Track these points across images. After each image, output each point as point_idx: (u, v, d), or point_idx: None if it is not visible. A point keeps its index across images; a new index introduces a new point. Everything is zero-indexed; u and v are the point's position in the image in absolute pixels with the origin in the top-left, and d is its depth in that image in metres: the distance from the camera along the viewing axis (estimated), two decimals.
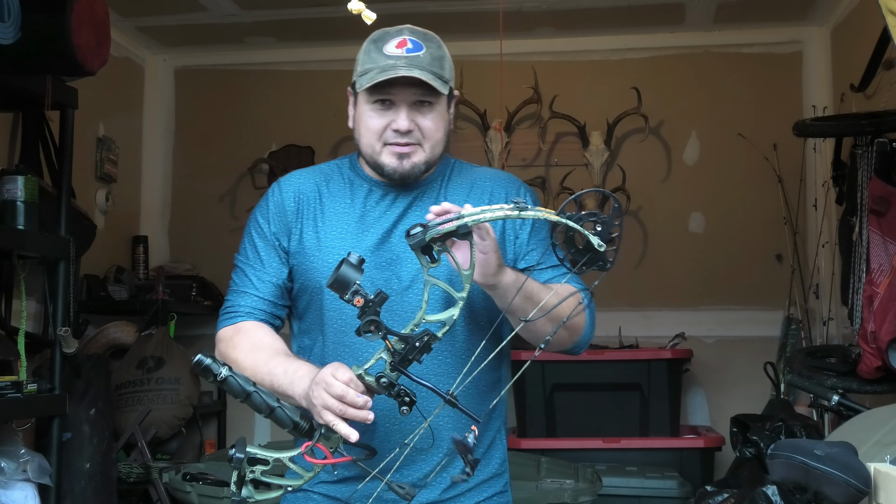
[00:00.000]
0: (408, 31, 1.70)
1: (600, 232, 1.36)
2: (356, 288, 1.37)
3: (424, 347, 1.39)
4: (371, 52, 1.68)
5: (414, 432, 1.52)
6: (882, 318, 2.88)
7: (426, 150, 1.70)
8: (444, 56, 1.70)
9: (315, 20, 4.57)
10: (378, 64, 1.65)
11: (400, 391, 1.43)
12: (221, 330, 1.76)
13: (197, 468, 3.48)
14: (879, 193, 3.10)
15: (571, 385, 4.15)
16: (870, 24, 3.61)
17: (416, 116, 1.67)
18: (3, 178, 3.02)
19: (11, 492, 2.94)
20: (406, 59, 1.64)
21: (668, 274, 4.76)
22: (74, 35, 2.99)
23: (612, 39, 4.89)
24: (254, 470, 1.46)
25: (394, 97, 1.66)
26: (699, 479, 3.80)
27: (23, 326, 3.19)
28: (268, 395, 1.48)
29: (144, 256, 4.86)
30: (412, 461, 1.65)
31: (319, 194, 1.78)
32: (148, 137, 5.17)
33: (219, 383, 1.45)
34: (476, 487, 1.76)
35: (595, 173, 4.72)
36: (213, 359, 1.46)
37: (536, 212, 1.36)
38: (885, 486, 1.80)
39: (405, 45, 1.66)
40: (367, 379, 1.44)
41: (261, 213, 1.80)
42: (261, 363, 1.64)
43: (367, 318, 1.37)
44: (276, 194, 1.80)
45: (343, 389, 1.44)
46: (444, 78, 1.67)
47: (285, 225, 1.76)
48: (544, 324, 1.59)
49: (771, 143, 4.55)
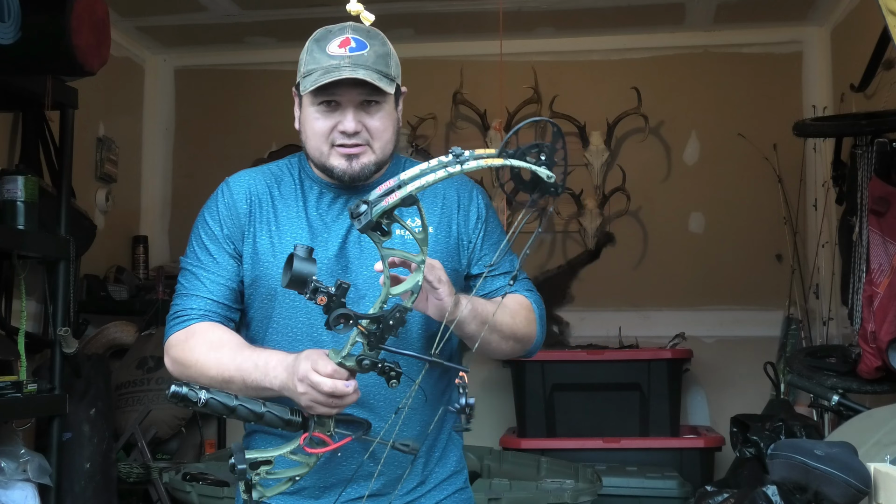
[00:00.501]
0: (350, 28, 1.65)
1: (545, 160, 1.31)
2: (315, 285, 1.32)
3: (399, 322, 1.37)
4: (314, 51, 1.63)
5: (406, 395, 1.53)
6: (882, 318, 2.88)
7: (375, 151, 1.65)
8: (388, 53, 1.65)
9: (315, 20, 4.48)
10: (321, 64, 1.60)
11: (385, 367, 1.41)
12: (172, 336, 1.68)
13: (197, 468, 3.48)
14: (879, 193, 3.10)
15: (571, 385, 4.15)
16: (870, 24, 3.61)
17: (363, 117, 1.62)
18: (3, 178, 3.02)
19: (11, 492, 2.94)
20: (349, 58, 1.59)
21: (668, 274, 4.76)
22: (74, 35, 3.00)
23: (612, 39, 4.89)
24: (259, 472, 1.46)
25: (339, 98, 1.61)
26: (699, 479, 3.80)
27: (23, 326, 3.19)
28: (252, 402, 1.46)
29: (144, 256, 4.86)
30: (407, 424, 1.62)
31: (271, 197, 1.71)
32: (148, 137, 5.17)
33: (201, 409, 1.42)
34: (436, 487, 1.75)
35: (595, 173, 4.72)
36: (188, 386, 1.42)
37: (478, 161, 1.30)
38: (885, 486, 1.80)
39: (348, 43, 1.61)
40: (349, 364, 1.42)
41: (210, 215, 1.72)
42: (226, 360, 1.59)
43: (335, 313, 1.34)
44: (227, 195, 1.72)
45: (332, 386, 1.42)
46: (389, 76, 1.62)
47: (238, 227, 1.70)
48: (499, 342, 1.65)
49: (771, 143, 4.55)
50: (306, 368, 1.45)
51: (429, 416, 1.66)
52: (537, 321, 1.75)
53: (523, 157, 1.30)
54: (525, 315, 1.71)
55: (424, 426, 1.67)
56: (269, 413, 1.46)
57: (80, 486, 3.48)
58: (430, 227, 1.67)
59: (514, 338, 1.69)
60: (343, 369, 1.43)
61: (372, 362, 1.40)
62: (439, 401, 1.72)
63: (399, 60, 1.69)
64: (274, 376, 1.52)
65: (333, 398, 1.44)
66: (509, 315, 1.66)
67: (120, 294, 4.41)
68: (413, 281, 1.39)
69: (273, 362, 1.53)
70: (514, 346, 1.70)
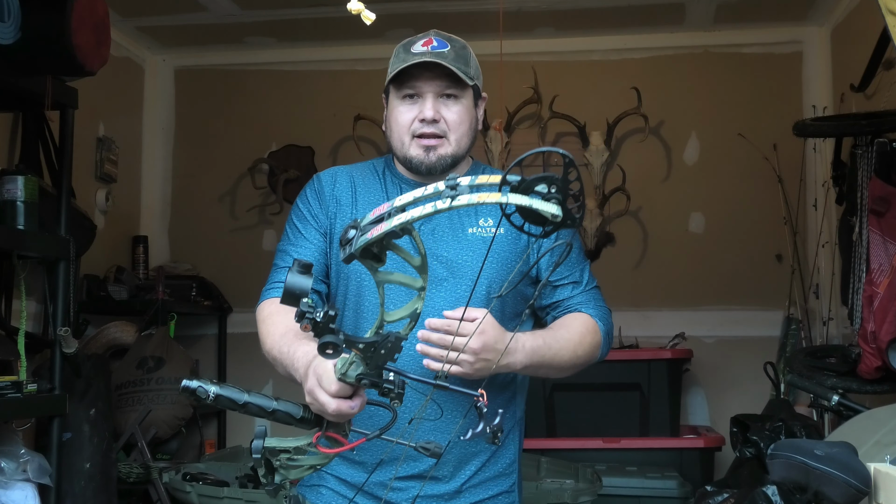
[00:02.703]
0: (434, 32, 1.80)
1: (555, 193, 1.10)
2: (304, 310, 1.26)
3: (394, 349, 1.31)
4: (399, 53, 1.78)
5: (420, 406, 1.58)
6: (882, 318, 2.88)
7: (451, 143, 1.77)
8: (469, 55, 1.79)
9: (315, 20, 4.57)
10: (405, 62, 1.74)
11: (385, 388, 1.38)
12: (262, 304, 1.80)
13: (197, 468, 3.48)
14: (879, 193, 3.10)
15: (571, 385, 4.14)
16: (870, 24, 3.61)
17: (442, 108, 1.75)
18: (3, 178, 3.02)
19: (11, 492, 2.94)
20: (431, 53, 1.73)
21: (668, 274, 4.76)
22: (74, 35, 2.99)
23: (612, 39, 4.89)
24: (279, 459, 1.46)
25: (419, 89, 1.74)
26: (699, 479, 3.80)
27: (23, 326, 3.19)
28: (262, 398, 1.45)
29: (144, 256, 4.86)
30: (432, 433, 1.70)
31: (354, 187, 1.85)
32: (148, 137, 5.17)
33: (212, 403, 1.42)
34: (482, 484, 1.78)
35: (595, 173, 4.72)
36: (199, 382, 1.41)
37: (470, 198, 1.09)
38: (885, 486, 1.80)
39: (430, 43, 1.76)
40: (349, 380, 1.40)
41: (300, 200, 1.87)
42: (276, 339, 1.68)
43: (322, 341, 1.29)
44: (316, 183, 1.87)
45: (336, 408, 1.43)
46: (468, 73, 1.75)
47: (324, 208, 1.83)
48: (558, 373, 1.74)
49: (771, 143, 4.55)
50: (313, 384, 1.47)
51: (455, 426, 1.70)
52: (602, 340, 1.80)
53: (528, 192, 1.11)
54: (590, 341, 1.77)
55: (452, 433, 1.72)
56: (279, 411, 1.46)
57: (80, 486, 3.48)
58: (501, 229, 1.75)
59: (573, 368, 1.76)
60: (346, 387, 1.43)
61: (371, 382, 1.37)
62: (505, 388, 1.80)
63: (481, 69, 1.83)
64: (295, 369, 1.59)
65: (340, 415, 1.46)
66: (570, 352, 1.72)
67: (120, 294, 4.41)
68: (411, 308, 1.33)
69: (298, 354, 1.60)
70: (577, 369, 1.78)
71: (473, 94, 1.80)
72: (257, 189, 5.01)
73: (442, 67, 1.71)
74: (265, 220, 5.04)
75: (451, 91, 1.75)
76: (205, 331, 4.93)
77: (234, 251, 5.01)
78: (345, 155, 4.88)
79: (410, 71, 1.73)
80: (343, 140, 4.90)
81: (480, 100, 1.84)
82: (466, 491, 1.76)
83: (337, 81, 4.99)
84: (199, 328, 4.92)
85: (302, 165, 4.90)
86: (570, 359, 1.72)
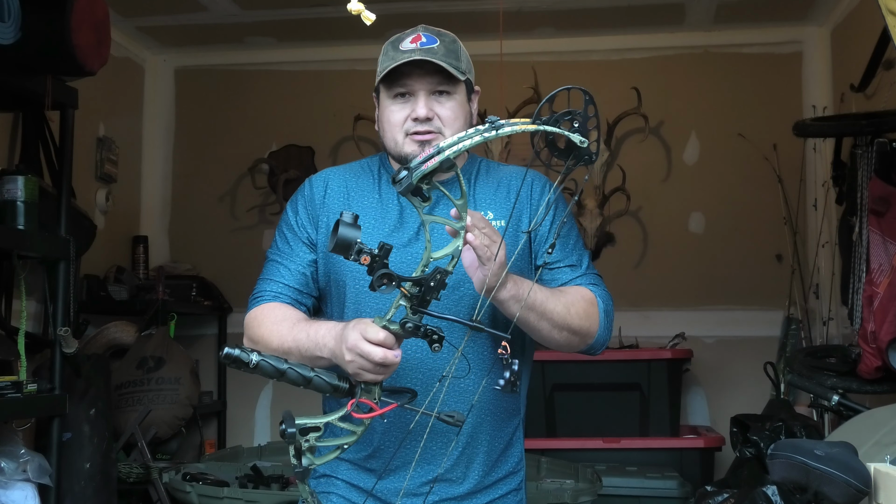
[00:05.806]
0: (422, 28, 1.76)
1: (578, 127, 1.39)
2: (359, 246, 1.36)
3: (439, 284, 1.40)
4: (388, 51, 1.74)
5: (448, 365, 1.58)
6: (882, 318, 2.88)
7: (447, 138, 1.72)
8: (459, 48, 1.76)
9: (315, 20, 4.57)
10: (395, 60, 1.70)
11: (427, 331, 1.44)
12: (248, 314, 1.81)
13: (197, 468, 3.48)
14: (879, 193, 3.10)
15: (571, 385, 4.15)
16: (870, 24, 3.61)
17: (434, 105, 1.72)
18: (3, 178, 3.02)
19: (11, 492, 2.94)
20: (420, 50, 1.69)
21: (668, 274, 4.76)
22: (74, 35, 3.00)
23: (612, 39, 4.89)
24: (308, 438, 1.47)
25: (411, 88, 1.71)
26: (699, 479, 3.80)
27: (23, 326, 3.19)
28: (301, 367, 1.49)
29: (144, 256, 4.86)
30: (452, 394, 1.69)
31: (347, 188, 1.82)
32: (148, 137, 5.17)
33: (252, 370, 1.46)
34: (493, 485, 1.78)
35: (595, 173, 4.72)
36: (240, 349, 1.46)
37: (512, 126, 1.38)
38: (885, 486, 1.80)
39: (419, 39, 1.72)
40: (393, 328, 1.46)
41: (290, 206, 1.85)
42: (285, 333, 1.68)
43: (378, 273, 1.37)
44: (306, 188, 1.85)
45: (382, 356, 1.45)
46: (459, 68, 1.72)
47: (313, 216, 1.81)
48: (550, 330, 1.66)
49: (771, 143, 4.55)
50: (356, 338, 1.48)
51: (475, 389, 1.69)
52: (601, 316, 1.75)
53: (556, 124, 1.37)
54: (584, 308, 1.71)
55: (470, 398, 1.70)
56: (317, 377, 1.49)
57: (80, 486, 3.48)
58: (501, 220, 1.75)
59: (567, 329, 1.68)
60: (392, 335, 1.46)
61: (415, 325, 1.43)
62: (487, 376, 1.76)
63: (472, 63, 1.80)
64: (324, 345, 1.58)
65: (381, 366, 1.47)
66: (563, 305, 1.67)
67: (120, 294, 4.41)
68: (453, 246, 1.43)
69: (322, 331, 1.61)
70: (570, 339, 1.70)
71: (466, 88, 1.76)
72: (257, 189, 5.01)
73: (433, 64, 1.68)
74: (265, 220, 5.04)
75: (443, 87, 1.72)
76: (205, 331, 4.93)
77: (235, 251, 5.01)
78: (345, 155, 4.88)
79: (401, 69, 1.70)
80: (343, 140, 4.90)
81: (474, 94, 1.80)
82: (480, 492, 1.76)
83: (337, 81, 4.99)
84: (200, 328, 4.92)
85: (302, 165, 4.90)
86: (563, 314, 1.66)
